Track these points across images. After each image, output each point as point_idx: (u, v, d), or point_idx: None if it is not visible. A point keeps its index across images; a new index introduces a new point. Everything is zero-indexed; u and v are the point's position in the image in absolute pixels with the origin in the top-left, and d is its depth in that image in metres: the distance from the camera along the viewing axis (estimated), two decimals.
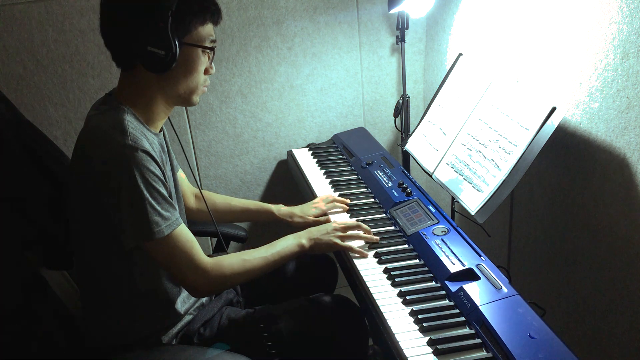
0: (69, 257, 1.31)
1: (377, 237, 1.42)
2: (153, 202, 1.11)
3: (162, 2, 1.10)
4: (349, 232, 1.40)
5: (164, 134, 1.31)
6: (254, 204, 1.64)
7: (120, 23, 1.14)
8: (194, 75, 1.20)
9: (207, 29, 1.19)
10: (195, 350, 1.25)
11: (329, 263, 1.64)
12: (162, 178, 1.15)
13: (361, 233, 1.42)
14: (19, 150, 1.26)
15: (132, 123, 1.14)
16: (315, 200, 1.64)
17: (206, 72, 1.23)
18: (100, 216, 1.14)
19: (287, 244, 1.34)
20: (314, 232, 1.38)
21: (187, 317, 1.33)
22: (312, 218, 1.57)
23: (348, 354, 1.35)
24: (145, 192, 1.10)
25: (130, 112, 1.17)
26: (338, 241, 1.37)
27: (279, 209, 1.60)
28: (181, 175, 1.52)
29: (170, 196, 1.18)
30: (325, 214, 1.59)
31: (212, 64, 1.24)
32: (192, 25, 1.16)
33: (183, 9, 1.13)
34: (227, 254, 1.28)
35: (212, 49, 1.22)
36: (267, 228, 2.19)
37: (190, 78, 1.20)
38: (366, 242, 1.42)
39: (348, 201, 1.62)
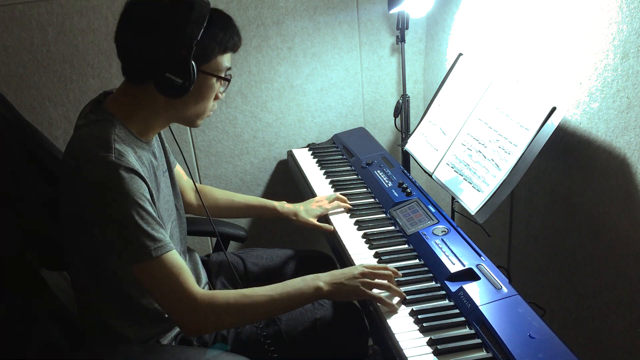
0: None
1: (405, 295, 1.22)
2: (140, 222, 1.06)
3: (188, 30, 1.05)
4: (377, 281, 1.22)
5: (158, 136, 1.30)
6: (257, 200, 1.63)
7: (140, 38, 1.08)
8: (205, 101, 1.17)
9: (226, 58, 1.15)
10: (194, 350, 1.25)
11: (328, 262, 1.64)
12: (148, 196, 1.10)
13: (392, 285, 1.23)
14: (18, 150, 1.26)
15: (119, 137, 1.09)
16: (318, 198, 1.64)
17: (216, 97, 1.19)
18: (88, 232, 1.10)
19: (301, 285, 1.18)
20: (338, 275, 1.22)
21: None
22: (314, 221, 1.56)
23: (348, 354, 1.35)
24: (132, 212, 1.05)
25: (120, 124, 1.12)
26: (365, 289, 1.20)
27: (282, 205, 1.60)
28: (179, 169, 1.50)
29: (161, 217, 1.14)
30: (326, 213, 1.58)
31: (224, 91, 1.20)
32: (212, 55, 1.12)
33: (207, 37, 1.08)
34: (226, 253, 1.26)
35: (227, 79, 1.18)
36: (267, 227, 2.20)
37: (201, 104, 1.16)
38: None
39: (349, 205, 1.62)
